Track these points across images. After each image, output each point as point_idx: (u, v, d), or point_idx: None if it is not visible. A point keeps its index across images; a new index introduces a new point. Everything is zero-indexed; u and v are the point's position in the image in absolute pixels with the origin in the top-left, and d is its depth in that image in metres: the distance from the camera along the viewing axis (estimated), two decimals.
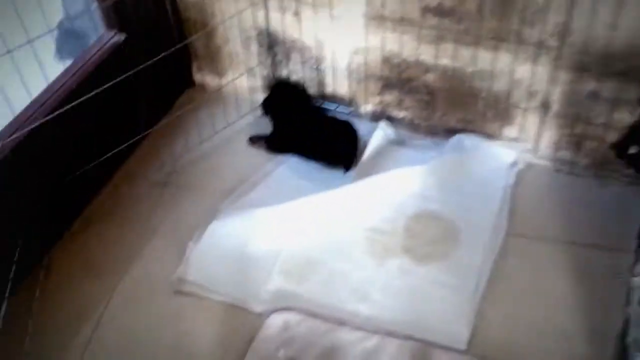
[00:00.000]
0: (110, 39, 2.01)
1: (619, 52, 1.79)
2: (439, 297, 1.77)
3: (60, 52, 2.52)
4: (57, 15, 2.50)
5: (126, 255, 1.94)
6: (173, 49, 2.01)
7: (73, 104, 1.78)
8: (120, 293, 1.84)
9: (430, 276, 1.82)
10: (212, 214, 2.02)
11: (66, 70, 1.93)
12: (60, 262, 1.92)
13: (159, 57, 1.95)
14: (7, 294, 1.63)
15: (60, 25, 2.56)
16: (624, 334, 1.59)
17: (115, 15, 1.95)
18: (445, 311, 1.74)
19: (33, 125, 1.70)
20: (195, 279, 1.84)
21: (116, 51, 1.96)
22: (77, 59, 1.94)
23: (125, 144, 2.05)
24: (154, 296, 1.83)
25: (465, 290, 1.78)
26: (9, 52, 1.54)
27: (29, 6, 1.67)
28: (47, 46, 2.36)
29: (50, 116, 1.74)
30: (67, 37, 2.55)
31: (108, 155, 1.99)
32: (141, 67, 1.90)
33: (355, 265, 1.86)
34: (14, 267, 1.68)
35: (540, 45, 1.88)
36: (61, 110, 1.76)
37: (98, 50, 1.96)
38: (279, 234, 1.94)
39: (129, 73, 1.87)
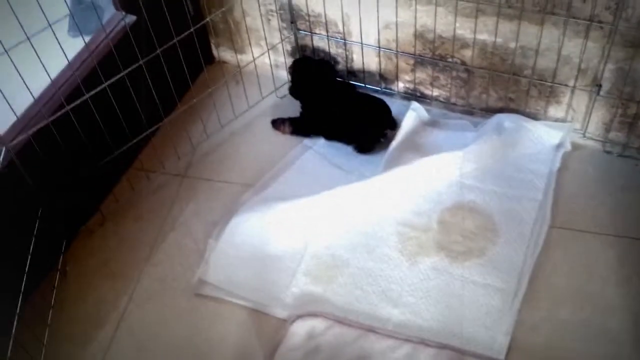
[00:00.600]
0: (120, 22, 1.87)
1: None
2: (477, 301, 1.64)
3: (74, 29, 2.39)
4: None
5: (143, 253, 1.85)
6: (188, 31, 1.86)
7: (83, 98, 1.67)
8: (138, 295, 1.76)
9: (467, 276, 1.69)
10: (233, 208, 1.90)
11: (77, 56, 1.80)
12: (76, 262, 1.84)
13: (172, 42, 1.80)
14: (21, 299, 1.55)
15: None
16: None
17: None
18: (483, 317, 1.61)
19: (41, 125, 1.60)
20: (216, 281, 1.74)
21: (126, 34, 1.82)
22: (88, 43, 1.80)
23: (142, 135, 1.92)
24: (174, 298, 1.74)
25: (505, 293, 1.65)
26: (28, 39, 1.47)
27: None
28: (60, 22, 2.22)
29: (59, 113, 1.63)
30: (81, 10, 2.41)
31: (124, 148, 1.87)
32: (153, 54, 1.76)
33: (387, 264, 1.74)
34: (26, 270, 1.59)
35: (592, 19, 1.67)
36: (69, 107, 1.64)
37: (107, 35, 1.82)
38: (303, 231, 1.82)
39: (139, 63, 1.74)
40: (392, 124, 2.05)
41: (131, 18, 1.89)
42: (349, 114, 2.04)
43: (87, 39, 1.83)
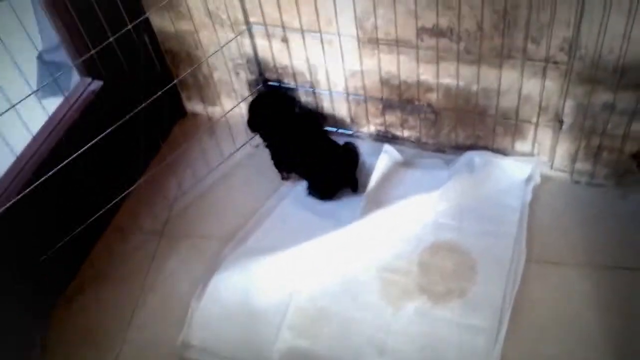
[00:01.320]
0: (86, 88, 1.88)
1: (633, 63, 1.64)
2: (461, 343, 1.66)
3: (42, 87, 2.39)
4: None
5: (125, 318, 1.83)
6: (156, 95, 1.87)
7: (54, 170, 1.67)
8: None
9: (450, 318, 1.71)
10: (214, 264, 1.90)
11: (44, 127, 1.81)
12: (56, 334, 1.81)
13: (141, 106, 1.82)
14: None
15: (39, 57, 2.43)
16: None
17: (90, 64, 1.81)
18: (469, 359, 1.62)
19: (10, 203, 1.59)
20: (200, 342, 1.73)
21: (94, 101, 1.83)
22: (55, 113, 1.81)
23: (119, 197, 1.92)
24: None
25: (488, 332, 1.67)
26: None
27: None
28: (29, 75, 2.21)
29: (28, 189, 1.63)
30: (48, 68, 2.42)
31: (99, 213, 1.87)
32: (122, 120, 1.77)
33: (370, 312, 1.75)
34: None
35: (548, 60, 1.73)
36: (36, 183, 1.64)
37: (75, 103, 1.83)
38: (287, 283, 1.83)
39: (109, 129, 1.74)
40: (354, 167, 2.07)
41: (97, 84, 1.90)
42: (314, 158, 2.06)
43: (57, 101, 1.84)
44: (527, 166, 2.00)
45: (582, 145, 1.91)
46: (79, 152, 1.73)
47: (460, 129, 2.04)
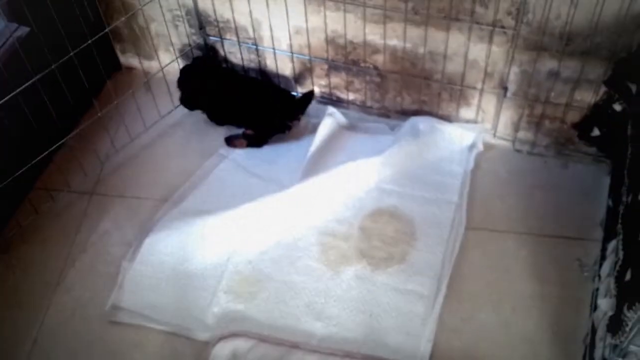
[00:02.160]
0: (12, 34, 1.74)
1: (579, 30, 1.64)
2: (399, 308, 1.65)
3: None
4: None
5: (52, 280, 1.75)
6: (86, 43, 1.75)
7: None
8: (48, 325, 1.67)
9: (389, 283, 1.70)
10: (148, 225, 1.83)
11: None
12: None
13: (68, 55, 1.70)
14: None
15: None
16: (591, 345, 1.50)
17: (16, 7, 1.67)
18: (407, 325, 1.62)
19: None
20: (131, 306, 1.67)
21: (20, 47, 1.70)
22: None
23: (42, 155, 1.80)
24: (87, 327, 1.66)
25: (426, 298, 1.67)
26: None
27: None
28: None
29: None
30: None
31: (24, 169, 1.75)
32: (48, 69, 1.65)
33: (309, 276, 1.72)
34: None
35: (495, 24, 1.71)
36: None
37: None
38: (224, 246, 1.77)
39: (33, 80, 1.62)
40: (294, 114, 2.03)
41: (23, 30, 1.76)
42: (247, 102, 2.01)
43: None
44: (471, 133, 1.99)
45: (525, 113, 1.91)
46: (1, 101, 1.60)
47: (405, 93, 2.00)
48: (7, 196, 1.78)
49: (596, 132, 1.84)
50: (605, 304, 1.45)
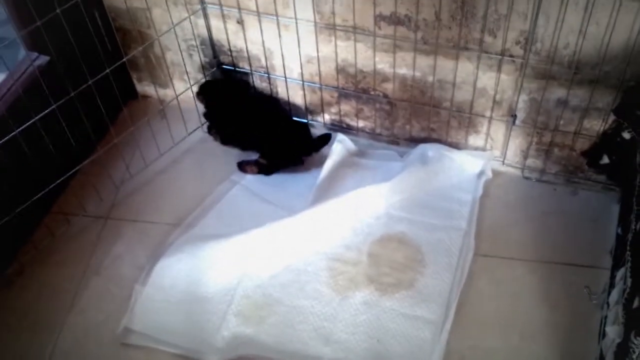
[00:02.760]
0: (32, 63, 1.80)
1: (588, 59, 1.66)
2: (407, 334, 1.65)
3: None
4: None
5: (66, 302, 1.78)
6: (104, 72, 1.80)
7: None
8: (61, 347, 1.69)
9: (397, 309, 1.71)
10: (160, 249, 1.86)
11: None
12: None
13: (87, 84, 1.75)
14: None
15: None
16: None
17: (36, 37, 1.73)
18: (415, 351, 1.62)
19: None
20: (143, 329, 1.69)
21: (40, 75, 1.75)
22: None
23: (59, 180, 1.85)
24: (99, 350, 1.68)
25: (434, 324, 1.67)
26: None
27: None
28: None
29: None
30: None
31: (41, 193, 1.80)
32: (67, 97, 1.70)
33: (318, 301, 1.73)
34: None
35: (504, 54, 1.73)
36: None
37: (19, 78, 1.75)
38: (234, 270, 1.79)
39: (51, 107, 1.68)
40: (309, 150, 2.07)
41: (43, 59, 1.82)
42: (266, 133, 2.04)
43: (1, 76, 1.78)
44: (480, 161, 2.01)
45: (533, 141, 1.92)
46: (21, 128, 1.66)
47: (414, 121, 2.03)
48: (25, 219, 1.81)
49: (605, 159, 1.85)
50: (613, 332, 1.45)
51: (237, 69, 2.12)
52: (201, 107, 2.14)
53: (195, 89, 2.12)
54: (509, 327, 1.67)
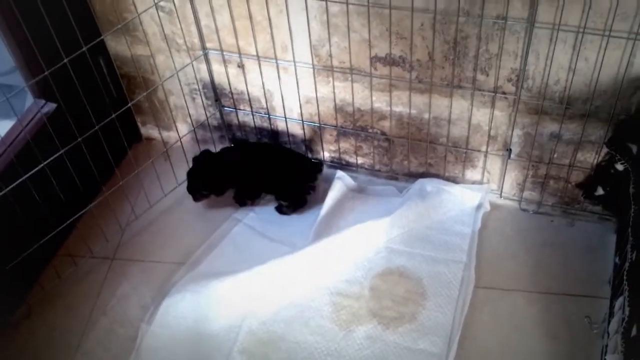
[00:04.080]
0: (39, 110, 1.86)
1: (578, 94, 1.71)
2: None
3: None
4: None
5: (73, 343, 1.80)
6: (109, 118, 1.86)
7: (4, 191, 1.64)
8: None
9: (400, 342, 1.73)
10: (165, 288, 1.89)
11: None
12: (2, 358, 1.77)
13: (94, 129, 1.81)
14: None
15: None
16: None
17: (44, 85, 1.79)
18: None
19: None
20: None
21: (47, 122, 1.81)
22: (7, 135, 1.79)
23: (66, 223, 1.89)
24: None
25: (437, 357, 1.69)
26: None
27: None
28: None
29: None
30: (1, 91, 2.38)
31: (49, 236, 1.84)
32: (73, 142, 1.76)
33: (322, 336, 1.75)
34: None
35: (496, 91, 1.79)
36: None
37: (27, 124, 1.81)
38: (239, 308, 1.82)
39: (59, 153, 1.73)
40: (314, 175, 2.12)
41: (50, 106, 1.88)
42: (271, 172, 2.08)
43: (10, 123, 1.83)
44: (477, 194, 2.05)
45: (529, 174, 1.97)
46: (30, 174, 1.70)
47: (412, 156, 2.08)
48: (32, 262, 1.85)
49: (600, 191, 1.89)
50: None
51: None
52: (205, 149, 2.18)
53: (199, 130, 2.17)
54: (512, 358, 1.69)
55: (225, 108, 2.20)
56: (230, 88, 2.12)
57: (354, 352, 1.72)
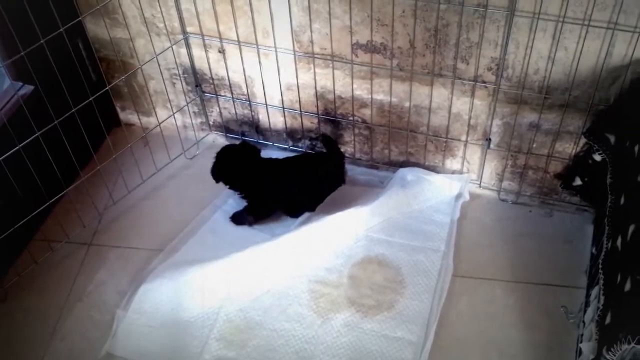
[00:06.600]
0: (16, 92, 1.83)
1: (557, 84, 1.72)
2: (389, 356, 1.68)
3: None
4: None
5: (49, 328, 1.78)
6: (87, 100, 1.84)
7: None
8: None
9: (378, 330, 1.73)
10: (142, 275, 1.87)
11: None
12: None
13: (70, 112, 1.78)
14: None
15: None
16: None
17: (21, 67, 1.76)
18: None
19: None
20: (125, 354, 1.70)
21: (24, 104, 1.78)
22: None
23: (41, 207, 1.87)
24: None
25: (415, 345, 1.69)
26: None
27: None
28: None
29: None
30: None
31: (24, 220, 1.81)
32: (50, 125, 1.73)
33: (299, 323, 1.75)
34: None
35: (476, 80, 1.79)
36: None
37: (3, 107, 1.78)
38: (216, 294, 1.81)
39: (35, 135, 1.70)
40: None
41: (28, 88, 1.85)
42: (303, 180, 2.03)
43: None
44: (457, 183, 2.05)
45: (508, 164, 1.97)
46: (4, 156, 1.68)
47: (393, 145, 2.08)
48: (8, 246, 1.82)
49: (578, 181, 1.90)
50: (588, 348, 1.48)
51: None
52: (186, 135, 2.16)
53: (178, 116, 2.15)
54: (489, 347, 1.70)
55: (206, 94, 2.18)
56: (211, 73, 2.10)
57: (331, 339, 1.72)
